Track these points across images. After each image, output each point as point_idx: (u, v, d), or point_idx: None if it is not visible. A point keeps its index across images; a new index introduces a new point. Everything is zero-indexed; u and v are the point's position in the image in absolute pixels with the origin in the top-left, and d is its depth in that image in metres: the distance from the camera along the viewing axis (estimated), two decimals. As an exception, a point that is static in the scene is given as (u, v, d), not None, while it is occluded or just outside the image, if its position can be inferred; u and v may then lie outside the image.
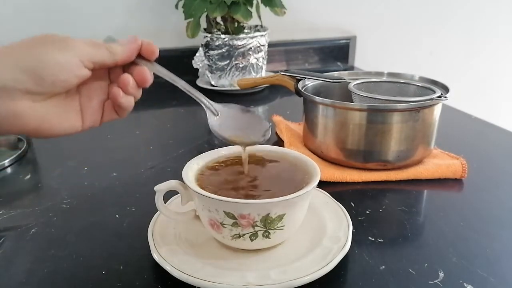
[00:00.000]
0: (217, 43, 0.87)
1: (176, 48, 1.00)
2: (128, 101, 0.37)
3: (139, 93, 0.38)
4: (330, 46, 1.11)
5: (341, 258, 0.36)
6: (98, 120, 0.37)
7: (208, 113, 0.39)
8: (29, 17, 0.91)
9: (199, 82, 0.94)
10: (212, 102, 0.40)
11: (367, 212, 0.47)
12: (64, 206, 0.49)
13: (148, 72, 0.36)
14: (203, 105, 0.39)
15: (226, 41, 0.86)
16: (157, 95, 0.91)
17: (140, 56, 0.37)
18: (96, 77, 0.36)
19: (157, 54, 0.37)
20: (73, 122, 0.36)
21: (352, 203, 0.48)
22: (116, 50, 0.35)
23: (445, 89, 0.56)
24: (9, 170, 0.58)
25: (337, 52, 1.12)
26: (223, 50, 0.87)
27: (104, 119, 0.38)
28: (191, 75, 0.98)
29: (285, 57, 1.09)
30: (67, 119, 0.35)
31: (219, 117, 0.40)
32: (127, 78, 0.36)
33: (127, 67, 0.37)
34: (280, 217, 0.35)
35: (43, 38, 0.33)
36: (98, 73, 0.36)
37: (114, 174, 0.56)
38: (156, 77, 0.37)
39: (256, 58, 0.90)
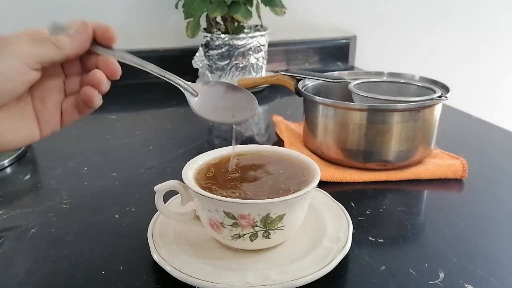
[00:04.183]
0: (217, 43, 0.87)
1: (176, 48, 1.00)
2: (100, 99, 0.33)
3: (108, 87, 0.34)
4: (330, 46, 1.11)
5: (341, 258, 0.36)
6: (58, 124, 0.34)
7: (186, 94, 0.36)
8: (28, 16, 0.91)
9: (199, 82, 0.94)
10: (190, 83, 0.36)
11: (367, 212, 0.47)
12: (64, 206, 0.48)
13: (115, 62, 0.33)
14: (179, 87, 0.35)
15: (226, 41, 0.86)
16: (156, 95, 0.91)
17: (96, 42, 0.32)
18: (48, 75, 0.32)
19: (116, 39, 0.33)
20: (30, 130, 0.32)
21: (352, 203, 0.48)
22: (64, 43, 0.31)
23: (445, 89, 0.56)
24: (8, 170, 0.58)
25: (337, 52, 1.11)
26: (223, 50, 0.87)
27: (64, 121, 0.34)
28: (191, 75, 0.98)
29: (285, 57, 1.08)
30: (22, 129, 0.32)
31: (200, 98, 0.36)
32: (101, 75, 0.32)
33: (85, 57, 0.33)
34: (280, 217, 0.35)
35: None
36: (50, 70, 0.32)
37: (114, 174, 0.56)
38: (155, 77, 0.36)
39: (256, 58, 0.90)
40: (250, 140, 0.68)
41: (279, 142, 0.65)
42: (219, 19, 0.90)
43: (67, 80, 0.34)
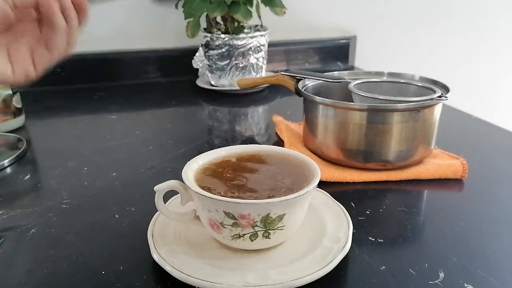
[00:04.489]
0: (217, 43, 0.87)
1: (176, 48, 1.00)
2: (62, 22, 0.36)
3: (75, 22, 0.38)
4: (330, 46, 1.11)
5: (341, 258, 0.36)
6: (31, 68, 0.37)
7: None
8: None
9: (199, 82, 0.94)
10: None
11: (367, 212, 0.47)
12: (64, 206, 0.49)
13: None
14: None
15: (226, 41, 0.86)
16: (156, 95, 0.91)
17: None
18: (23, 26, 0.36)
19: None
20: (3, 66, 0.35)
21: (352, 203, 0.48)
22: None
23: (445, 89, 0.56)
24: (8, 170, 0.58)
25: (337, 52, 1.12)
26: (223, 50, 0.87)
27: (37, 66, 0.37)
28: (191, 75, 0.98)
29: (285, 57, 1.09)
30: None
31: None
32: None
33: None
34: (280, 217, 0.35)
35: None
36: (26, 24, 0.36)
37: (114, 174, 0.56)
38: (155, 77, 0.37)
39: (256, 58, 0.90)
40: (250, 140, 0.68)
41: (279, 142, 0.65)
42: (219, 19, 0.90)
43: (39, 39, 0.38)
